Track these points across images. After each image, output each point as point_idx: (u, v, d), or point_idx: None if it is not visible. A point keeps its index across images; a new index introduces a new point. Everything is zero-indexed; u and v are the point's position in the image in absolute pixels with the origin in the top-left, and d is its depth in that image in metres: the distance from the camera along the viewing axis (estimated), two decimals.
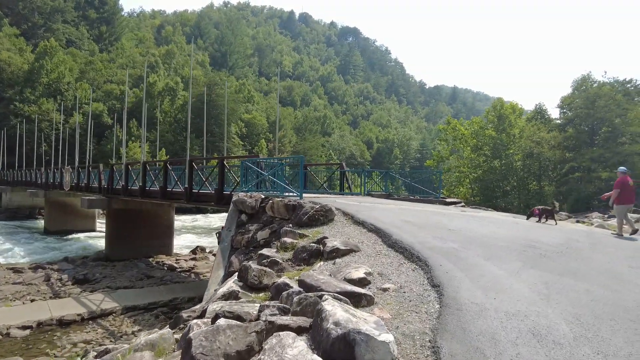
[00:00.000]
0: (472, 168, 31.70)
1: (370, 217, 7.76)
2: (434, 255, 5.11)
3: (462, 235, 6.56)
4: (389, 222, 7.39)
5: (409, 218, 7.97)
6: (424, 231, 6.72)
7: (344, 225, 7.45)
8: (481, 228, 7.54)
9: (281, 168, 9.33)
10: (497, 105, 32.94)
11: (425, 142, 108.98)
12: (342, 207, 8.53)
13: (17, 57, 60.44)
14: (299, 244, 6.43)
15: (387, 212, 8.63)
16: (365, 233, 6.81)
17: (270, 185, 10.30)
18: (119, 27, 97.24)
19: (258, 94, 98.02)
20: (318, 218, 7.52)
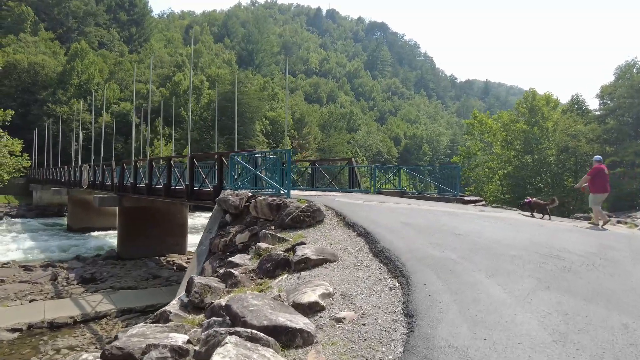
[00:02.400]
0: (502, 164, 29.73)
1: (366, 218, 6.74)
2: (422, 270, 4.05)
3: (467, 242, 5.42)
4: (385, 224, 6.34)
5: (411, 220, 6.88)
6: (422, 236, 5.63)
7: (333, 228, 6.46)
8: (495, 232, 6.35)
9: (278, 163, 8.37)
10: (528, 97, 30.75)
11: (456, 138, 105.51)
12: (337, 207, 7.54)
13: (50, 60, 62.47)
14: (274, 251, 5.51)
15: (388, 213, 7.56)
16: (353, 237, 5.80)
17: (266, 183, 9.40)
18: (148, 28, 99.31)
19: (283, 91, 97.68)
20: (303, 219, 6.56)
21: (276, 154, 7.88)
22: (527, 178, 29.33)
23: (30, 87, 58.90)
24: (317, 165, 14.60)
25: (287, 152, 7.83)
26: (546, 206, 9.23)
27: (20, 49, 65.20)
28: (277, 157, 8.25)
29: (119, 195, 19.54)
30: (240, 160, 9.03)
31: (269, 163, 8.50)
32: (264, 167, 8.58)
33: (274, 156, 8.32)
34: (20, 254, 21.18)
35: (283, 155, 9.05)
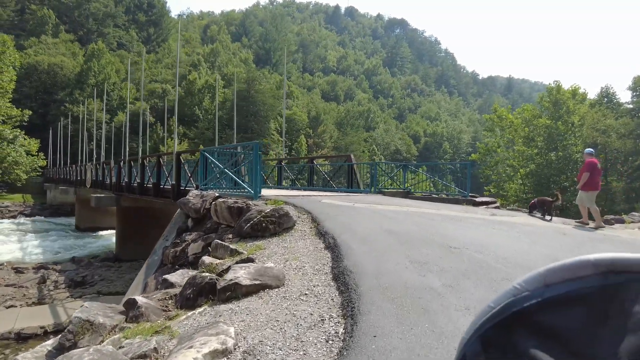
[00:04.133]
0: (524, 161, 27.81)
1: (344, 225, 5.54)
2: (381, 307, 2.84)
3: (462, 259, 4.16)
4: (363, 233, 5.13)
5: (399, 227, 5.63)
6: (404, 250, 4.38)
7: (301, 237, 5.29)
8: (503, 244, 5.04)
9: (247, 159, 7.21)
10: (552, 90, 28.65)
11: (478, 135, 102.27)
12: (317, 211, 6.39)
13: (69, 61, 63.28)
14: (220, 267, 4.40)
15: (375, 218, 6.32)
16: (319, 251, 4.61)
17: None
18: (166, 28, 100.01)
19: (300, 89, 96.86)
20: (266, 227, 5.41)
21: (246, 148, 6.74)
22: (551, 176, 27.37)
23: (49, 88, 59.80)
24: (314, 163, 13.42)
25: (255, 145, 6.67)
26: (552, 203, 8.39)
27: (40, 51, 66.36)
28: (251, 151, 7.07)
29: (116, 194, 18.84)
30: (209, 155, 7.93)
31: (234, 159, 7.32)
32: (233, 164, 7.42)
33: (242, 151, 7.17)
34: (21, 254, 20.79)
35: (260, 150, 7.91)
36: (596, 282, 0.34)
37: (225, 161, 7.74)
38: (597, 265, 0.34)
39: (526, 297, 0.35)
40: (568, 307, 0.33)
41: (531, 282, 0.36)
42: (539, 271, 0.36)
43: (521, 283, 0.36)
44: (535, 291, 0.35)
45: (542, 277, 0.36)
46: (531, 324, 0.34)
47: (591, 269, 0.34)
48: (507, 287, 0.36)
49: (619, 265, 0.34)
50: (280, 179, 14.77)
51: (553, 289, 0.34)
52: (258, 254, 4.73)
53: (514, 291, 0.36)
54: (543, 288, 0.35)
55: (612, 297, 0.32)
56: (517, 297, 0.36)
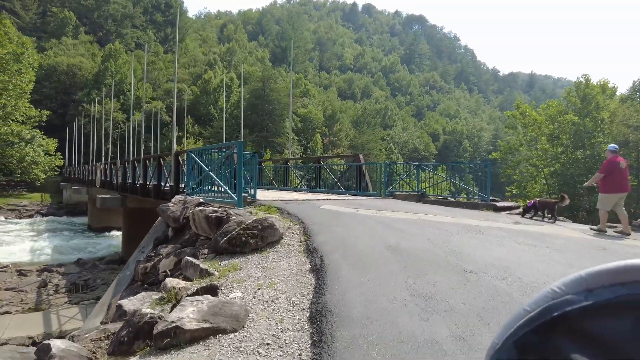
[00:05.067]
0: (548, 160, 26.29)
1: (339, 239, 4.70)
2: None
3: (480, 290, 3.25)
4: (361, 251, 4.27)
5: (405, 241, 4.73)
6: (406, 277, 3.50)
7: (286, 255, 4.47)
8: (532, 266, 4.10)
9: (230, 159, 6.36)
10: (580, 85, 27.00)
11: (499, 133, 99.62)
12: (312, 219, 5.57)
13: (87, 62, 64.07)
14: (183, 293, 3.64)
15: (377, 229, 5.44)
16: (303, 274, 3.79)
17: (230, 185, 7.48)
18: (183, 28, 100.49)
19: (317, 88, 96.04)
20: (246, 241, 4.59)
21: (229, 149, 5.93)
22: (577, 176, 25.80)
23: (68, 88, 60.63)
24: (321, 164, 12.56)
25: (239, 144, 5.84)
26: (555, 205, 7.58)
27: (60, 52, 67.38)
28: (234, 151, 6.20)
29: (122, 195, 18.38)
30: (195, 156, 7.16)
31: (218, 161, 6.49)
32: (218, 166, 6.59)
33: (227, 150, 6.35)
34: (29, 255, 20.61)
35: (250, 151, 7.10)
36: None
37: (218, 163, 6.97)
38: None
39: (567, 301, 0.33)
40: (617, 313, 0.31)
41: (572, 286, 0.34)
42: (580, 274, 0.34)
43: (560, 286, 0.34)
44: (577, 295, 0.33)
45: (583, 281, 0.34)
46: (574, 329, 0.32)
47: (638, 274, 0.32)
48: (545, 289, 0.35)
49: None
50: (286, 180, 14.00)
51: (597, 294, 0.33)
52: (230, 277, 3.93)
53: (552, 294, 0.34)
54: (586, 292, 0.33)
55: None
56: (557, 301, 0.33)
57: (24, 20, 78.25)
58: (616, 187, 6.99)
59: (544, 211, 7.94)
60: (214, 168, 6.45)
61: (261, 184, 15.45)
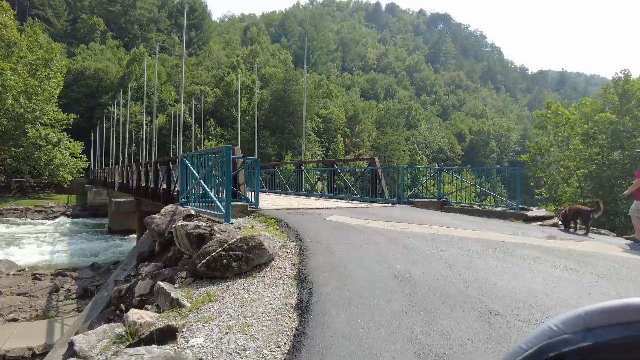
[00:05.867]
0: (582, 162, 24.65)
1: (338, 263, 3.98)
2: None
3: (510, 345, 2.44)
4: (361, 280, 3.55)
5: (419, 267, 3.96)
6: (413, 322, 2.74)
7: (273, 282, 3.78)
8: (575, 301, 3.24)
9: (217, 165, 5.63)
10: (619, 80, 25.22)
11: (527, 133, 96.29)
12: (312, 234, 4.89)
13: (113, 65, 65.52)
14: (145, 331, 3.02)
15: (387, 250, 4.67)
16: (286, 312, 3.09)
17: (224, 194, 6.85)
18: (207, 31, 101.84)
19: (339, 88, 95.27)
20: (228, 264, 3.92)
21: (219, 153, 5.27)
22: (614, 179, 24.08)
23: (95, 92, 62.10)
24: (336, 167, 11.83)
25: (227, 149, 5.16)
26: (589, 214, 6.72)
27: (88, 57, 69.15)
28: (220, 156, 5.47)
29: (137, 199, 18.16)
30: (188, 163, 6.55)
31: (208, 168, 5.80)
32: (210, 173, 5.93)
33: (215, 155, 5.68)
34: (48, 257, 20.70)
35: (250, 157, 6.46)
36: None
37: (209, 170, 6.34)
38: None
39: (565, 340, 0.31)
40: (616, 355, 0.29)
41: (570, 324, 0.32)
42: (578, 312, 0.33)
43: (558, 324, 0.32)
44: (575, 335, 0.31)
45: (582, 320, 0.32)
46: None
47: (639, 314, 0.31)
48: (542, 325, 0.33)
49: None
50: (299, 185, 13.34)
51: (596, 334, 0.31)
52: (202, 311, 3.26)
53: (549, 333, 0.32)
54: (584, 332, 0.31)
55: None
56: (554, 340, 0.31)
57: (56, 27, 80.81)
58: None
59: (576, 220, 7.02)
60: (208, 175, 5.83)
61: (274, 188, 14.88)
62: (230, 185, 5.27)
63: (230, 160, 5.22)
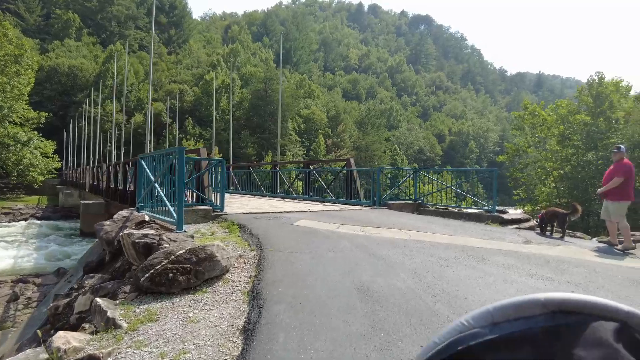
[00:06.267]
0: (558, 162, 24.95)
1: (297, 275, 3.64)
2: None
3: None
4: (320, 296, 3.21)
5: (386, 278, 3.65)
6: (372, 346, 2.42)
7: (224, 299, 3.42)
8: None
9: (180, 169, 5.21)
10: (593, 83, 25.65)
11: (506, 134, 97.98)
12: (275, 241, 4.52)
13: (88, 63, 63.67)
14: (68, 358, 2.61)
15: (354, 258, 4.35)
16: (230, 338, 2.75)
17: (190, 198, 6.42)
18: (187, 29, 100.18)
19: (321, 88, 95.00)
20: (174, 278, 3.53)
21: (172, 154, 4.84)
22: (588, 179, 24.47)
23: (69, 90, 60.16)
24: (311, 168, 11.48)
25: (179, 150, 4.73)
26: (566, 217, 6.59)
27: (62, 54, 67.00)
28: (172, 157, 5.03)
29: (107, 201, 17.44)
30: (144, 165, 6.10)
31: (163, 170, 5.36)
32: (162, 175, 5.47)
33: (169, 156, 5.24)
34: (12, 263, 19.69)
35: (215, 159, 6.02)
36: (544, 322, 0.32)
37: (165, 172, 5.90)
38: (547, 304, 0.33)
39: (473, 334, 0.33)
40: (515, 347, 0.32)
41: (479, 320, 0.35)
42: (488, 308, 0.35)
43: (469, 320, 0.35)
44: (482, 329, 0.34)
45: (490, 315, 0.34)
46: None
47: (540, 309, 0.33)
48: (455, 322, 0.36)
49: (569, 305, 0.33)
50: (274, 187, 12.94)
51: (501, 327, 0.33)
52: (139, 333, 2.87)
53: (461, 328, 0.35)
54: (491, 326, 0.33)
55: (558, 339, 0.31)
56: (463, 335, 0.34)
57: (28, 22, 78.11)
58: (631, 194, 6.20)
59: (552, 223, 6.88)
60: (165, 178, 5.38)
61: (249, 190, 14.43)
62: (183, 189, 4.86)
63: (182, 161, 4.79)
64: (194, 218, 6.28)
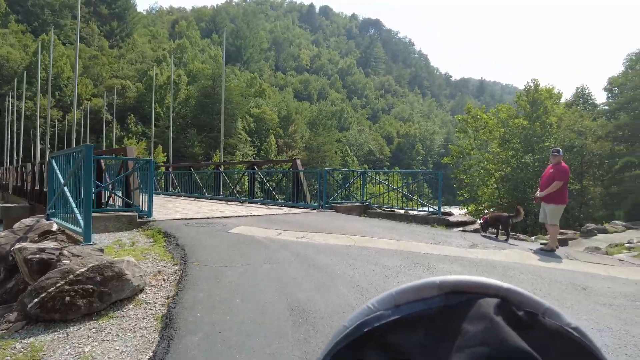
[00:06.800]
0: (499, 164, 26.10)
1: (223, 294, 3.16)
2: None
3: None
4: (246, 318, 2.74)
5: (323, 294, 3.26)
6: None
7: (131, 327, 2.87)
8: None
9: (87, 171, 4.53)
10: (530, 89, 27.13)
11: (450, 137, 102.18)
12: (203, 252, 3.98)
13: (16, 53, 58.52)
14: None
15: (291, 271, 3.92)
16: None
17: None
18: (131, 22, 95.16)
19: (272, 88, 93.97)
20: (72, 303, 2.93)
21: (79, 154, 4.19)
22: (526, 180, 25.83)
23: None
24: (256, 169, 10.92)
25: (87, 148, 4.07)
26: (509, 220, 6.67)
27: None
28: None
29: (31, 204, 15.79)
30: (55, 167, 5.31)
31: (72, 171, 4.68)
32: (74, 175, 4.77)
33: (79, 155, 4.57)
34: None
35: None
36: (439, 303, 0.35)
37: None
38: (442, 286, 0.35)
39: (378, 316, 0.35)
40: (414, 326, 0.34)
41: (383, 303, 0.37)
42: (391, 292, 0.37)
43: (374, 303, 0.37)
44: (386, 311, 0.35)
45: (392, 298, 0.36)
46: (380, 343, 0.34)
47: (436, 290, 0.35)
48: (362, 306, 0.37)
49: (461, 286, 0.35)
50: (217, 189, 12.23)
51: (402, 309, 0.35)
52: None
53: (367, 311, 0.36)
54: (393, 308, 0.35)
55: (450, 316, 0.34)
56: (369, 317, 0.36)
57: None
58: (566, 197, 6.29)
59: (497, 227, 6.93)
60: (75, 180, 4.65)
61: (190, 192, 13.59)
62: (91, 193, 4.19)
63: (90, 161, 4.13)
64: (117, 225, 5.59)
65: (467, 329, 0.32)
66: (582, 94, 30.83)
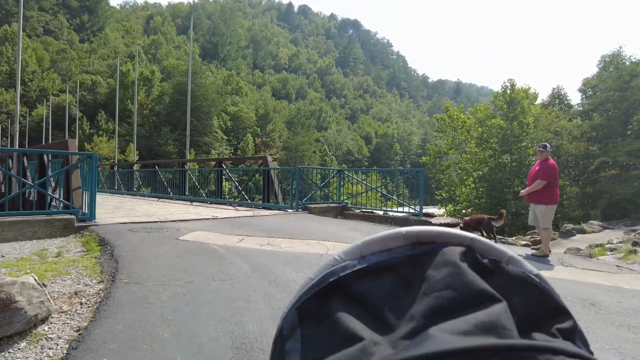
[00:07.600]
0: (477, 164, 25.96)
1: (156, 324, 2.37)
2: None
3: None
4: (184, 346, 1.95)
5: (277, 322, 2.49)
6: None
7: None
8: None
9: None
10: (506, 89, 27.12)
11: (428, 137, 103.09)
12: (137, 267, 3.19)
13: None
14: None
15: (246, 288, 3.20)
16: None
17: None
18: (103, 16, 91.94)
19: (250, 86, 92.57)
20: None
21: None
22: (504, 180, 25.79)
23: None
24: (223, 167, 10.12)
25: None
26: (491, 222, 6.42)
27: None
28: None
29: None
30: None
31: None
32: None
33: None
34: None
35: None
36: (405, 252, 0.36)
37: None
38: (407, 237, 0.36)
39: (343, 267, 0.36)
40: (379, 275, 0.35)
41: (349, 254, 0.37)
42: (357, 243, 0.37)
43: (340, 255, 0.37)
44: (352, 261, 0.36)
45: (358, 249, 0.37)
46: (346, 292, 0.35)
47: (402, 241, 0.36)
48: (328, 258, 0.38)
49: (425, 236, 0.36)
50: (183, 188, 11.36)
51: (368, 259, 0.36)
52: None
53: (333, 262, 0.37)
54: (359, 259, 0.36)
55: (416, 265, 0.35)
56: (335, 268, 0.36)
57: None
58: (557, 197, 5.70)
59: (480, 230, 6.41)
60: None
61: (155, 191, 12.63)
62: None
63: None
64: (49, 231, 4.75)
65: (433, 275, 0.33)
66: (557, 95, 31.09)
